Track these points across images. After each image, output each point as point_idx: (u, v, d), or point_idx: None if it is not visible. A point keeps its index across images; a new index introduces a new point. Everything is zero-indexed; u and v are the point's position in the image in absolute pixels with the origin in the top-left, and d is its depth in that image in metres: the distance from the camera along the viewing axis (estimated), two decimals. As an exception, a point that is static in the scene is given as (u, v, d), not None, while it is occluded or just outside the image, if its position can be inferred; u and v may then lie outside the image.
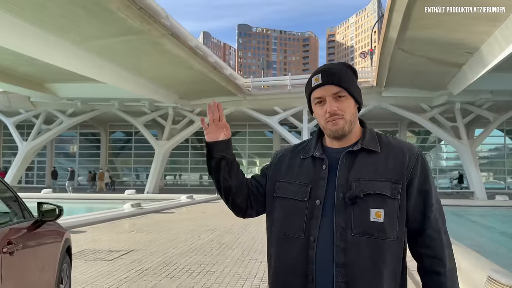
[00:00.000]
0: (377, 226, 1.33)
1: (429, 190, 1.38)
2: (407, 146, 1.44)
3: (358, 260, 1.32)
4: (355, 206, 1.34)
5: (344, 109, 1.38)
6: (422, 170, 1.38)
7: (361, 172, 1.37)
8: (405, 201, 1.36)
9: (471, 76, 17.89)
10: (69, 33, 14.03)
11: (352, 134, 1.43)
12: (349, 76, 1.42)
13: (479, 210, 17.58)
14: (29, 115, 27.79)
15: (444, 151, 33.38)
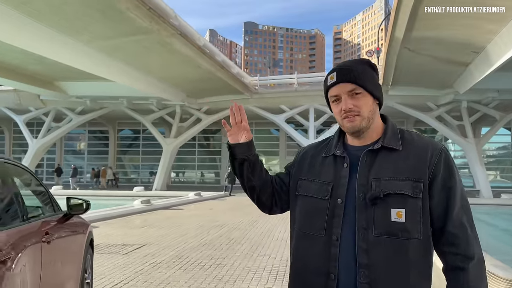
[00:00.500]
0: (399, 226, 1.31)
1: (453, 186, 1.34)
2: (430, 142, 1.40)
3: (381, 261, 1.30)
4: (375, 206, 1.33)
5: (360, 106, 1.37)
6: (445, 167, 1.35)
7: (382, 171, 1.36)
8: (428, 200, 1.34)
9: (477, 75, 17.96)
10: (82, 34, 14.36)
11: (373, 131, 1.41)
12: (366, 73, 1.40)
13: (484, 209, 17.64)
14: (39, 113, 28.23)
15: (451, 149, 33.42)
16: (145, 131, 32.98)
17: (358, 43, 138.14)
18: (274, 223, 10.21)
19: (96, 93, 24.40)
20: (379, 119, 1.44)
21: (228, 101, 26.02)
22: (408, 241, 1.29)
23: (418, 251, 1.30)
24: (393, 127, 1.44)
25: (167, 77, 21.19)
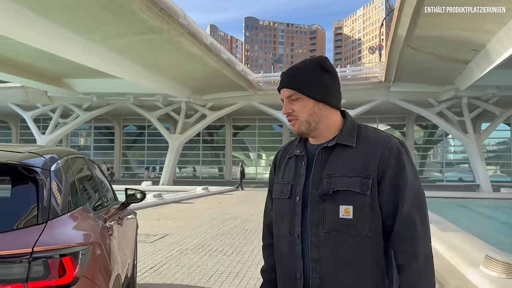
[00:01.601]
0: (347, 223, 1.31)
1: (403, 183, 1.31)
2: (383, 138, 1.37)
3: (330, 257, 1.31)
4: (326, 203, 1.33)
5: (298, 110, 1.38)
6: (396, 163, 1.32)
7: (334, 168, 1.35)
8: (377, 197, 1.32)
9: (477, 72, 18.38)
10: (94, 34, 14.82)
11: (326, 130, 1.40)
12: (307, 76, 1.38)
13: (484, 203, 18.15)
14: (46, 109, 28.73)
15: (451, 145, 33.84)
16: (150, 127, 33.52)
17: (359, 38, 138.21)
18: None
19: (103, 90, 24.86)
20: (336, 116, 1.42)
21: (232, 97, 26.50)
22: (356, 238, 1.29)
23: (367, 248, 1.30)
24: (351, 124, 1.42)
25: (174, 74, 21.65)
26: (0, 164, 1.77)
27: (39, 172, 1.75)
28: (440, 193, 19.55)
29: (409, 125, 31.20)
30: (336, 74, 1.43)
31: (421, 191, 1.34)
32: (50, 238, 1.57)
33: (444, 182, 30.72)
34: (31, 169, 1.76)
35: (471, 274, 5.08)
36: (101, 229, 2.12)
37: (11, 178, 1.75)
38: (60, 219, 1.71)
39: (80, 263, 1.62)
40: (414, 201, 1.31)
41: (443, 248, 6.51)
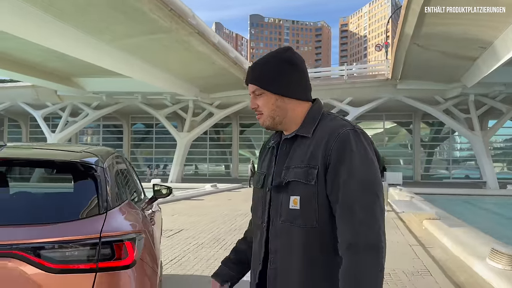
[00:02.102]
0: (295, 213, 1.28)
1: (345, 168, 1.23)
2: (334, 126, 1.32)
3: (284, 247, 1.30)
4: (281, 194, 1.33)
5: (262, 105, 1.37)
6: (341, 151, 1.25)
7: (292, 159, 1.34)
8: (324, 186, 1.26)
9: (485, 69, 18.45)
10: (105, 34, 15.08)
11: (292, 122, 1.38)
12: (269, 71, 1.35)
13: (490, 199, 18.30)
14: (56, 108, 29.15)
15: (457, 142, 33.84)
16: (158, 125, 33.84)
17: (365, 35, 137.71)
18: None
19: (112, 89, 25.18)
20: (302, 108, 1.38)
21: (239, 95, 26.71)
22: (304, 229, 1.27)
23: (315, 240, 1.26)
24: (313, 114, 1.38)
25: (182, 73, 21.91)
26: (64, 162, 2.02)
27: (96, 169, 1.99)
28: (447, 190, 19.72)
29: (415, 122, 31.25)
30: (300, 65, 1.37)
31: (368, 178, 1.24)
32: (112, 226, 1.80)
33: (450, 179, 30.77)
34: (90, 166, 1.99)
35: (477, 267, 5.28)
36: (145, 220, 2.36)
37: (73, 175, 1.99)
38: (115, 210, 1.95)
39: (137, 247, 1.85)
40: (357, 188, 1.23)
41: (451, 243, 6.71)
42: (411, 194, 14.93)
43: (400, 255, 6.19)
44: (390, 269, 5.37)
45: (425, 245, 6.94)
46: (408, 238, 7.62)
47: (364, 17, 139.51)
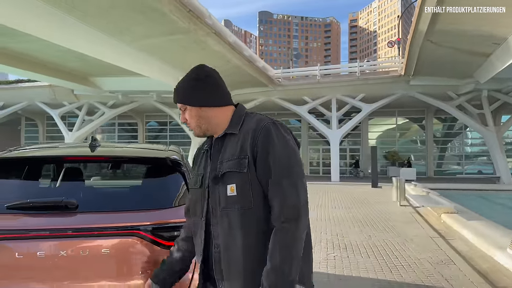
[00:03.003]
0: (233, 199, 1.48)
1: (270, 155, 1.47)
2: (257, 121, 1.56)
3: (224, 230, 1.50)
4: (218, 185, 1.52)
5: (189, 118, 1.62)
6: (265, 140, 1.48)
7: (225, 154, 1.55)
8: (255, 173, 1.48)
9: (498, 65, 18.49)
10: (125, 35, 15.47)
11: (218, 126, 1.60)
12: (186, 88, 1.59)
13: (505, 194, 18.39)
14: (72, 107, 29.75)
15: (470, 137, 33.76)
16: (171, 123, 34.31)
17: (374, 30, 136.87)
18: (312, 206, 11.30)
19: (128, 88, 25.62)
20: (224, 113, 1.61)
21: (252, 93, 27.01)
22: (242, 211, 1.47)
23: (253, 219, 1.47)
24: (238, 114, 1.62)
25: (197, 72, 22.26)
26: (159, 159, 2.36)
27: (182, 165, 2.33)
28: (461, 186, 19.80)
29: (428, 118, 31.26)
30: (211, 78, 1.60)
31: (290, 162, 1.48)
32: None
33: (463, 174, 30.76)
34: (178, 162, 2.33)
35: (499, 256, 5.56)
36: None
37: (164, 170, 2.34)
38: None
39: None
40: (282, 171, 1.46)
41: (471, 235, 6.98)
42: (426, 190, 15.13)
43: (423, 246, 6.48)
44: (415, 259, 5.67)
45: (445, 237, 7.22)
46: (428, 231, 7.89)
47: (373, 13, 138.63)
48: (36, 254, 1.83)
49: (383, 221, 9.02)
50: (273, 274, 1.37)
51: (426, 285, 4.51)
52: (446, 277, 4.80)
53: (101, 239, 1.92)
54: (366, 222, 8.91)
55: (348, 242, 6.78)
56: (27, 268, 1.84)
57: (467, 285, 4.51)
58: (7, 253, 1.83)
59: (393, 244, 6.63)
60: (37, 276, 1.84)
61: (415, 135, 34.26)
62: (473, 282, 4.61)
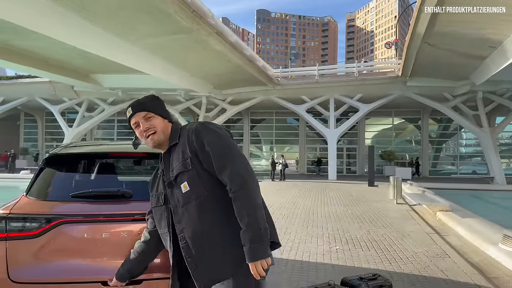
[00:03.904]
0: (188, 194, 1.79)
1: (208, 146, 1.80)
2: (188, 128, 1.91)
3: (189, 223, 1.79)
4: (174, 188, 1.83)
5: (156, 126, 1.92)
6: (198, 138, 1.82)
7: (173, 162, 1.87)
8: (200, 167, 1.80)
9: (493, 68, 18.91)
10: (130, 34, 15.74)
11: (167, 137, 1.93)
12: (155, 103, 1.98)
13: (498, 194, 18.85)
14: (72, 103, 29.93)
15: (465, 138, 34.26)
16: (170, 120, 34.58)
17: (372, 30, 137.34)
18: (312, 203, 11.67)
19: (129, 85, 25.86)
20: (169, 126, 1.97)
21: (252, 92, 27.32)
22: (199, 201, 1.77)
23: (210, 202, 1.78)
24: (175, 128, 1.96)
25: (198, 71, 22.56)
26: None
27: None
28: (456, 185, 20.26)
29: (424, 118, 31.72)
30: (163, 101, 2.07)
31: (224, 143, 1.83)
32: None
33: (458, 174, 31.26)
34: None
35: (491, 251, 5.94)
36: None
37: None
38: None
39: None
40: (220, 151, 1.79)
41: (465, 231, 7.37)
42: (422, 188, 15.55)
43: (419, 241, 6.85)
44: (412, 252, 6.04)
45: (440, 233, 7.60)
46: (424, 227, 8.27)
47: (371, 12, 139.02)
48: (101, 234, 2.16)
49: (381, 218, 9.39)
50: (249, 231, 1.69)
51: (423, 276, 4.87)
52: (442, 268, 5.17)
53: None
54: (365, 219, 9.28)
55: (349, 237, 7.14)
56: (94, 245, 2.17)
57: (461, 276, 4.87)
58: (77, 233, 2.16)
59: (391, 239, 7.00)
60: (103, 252, 2.18)
61: (411, 135, 34.73)
62: (466, 273, 4.98)
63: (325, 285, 2.68)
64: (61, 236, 2.14)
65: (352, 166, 33.17)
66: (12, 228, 2.12)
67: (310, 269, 4.93)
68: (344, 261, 5.52)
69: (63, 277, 2.08)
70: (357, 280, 2.86)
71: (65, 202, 2.28)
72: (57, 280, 2.08)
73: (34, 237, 2.11)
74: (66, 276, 2.08)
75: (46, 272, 2.08)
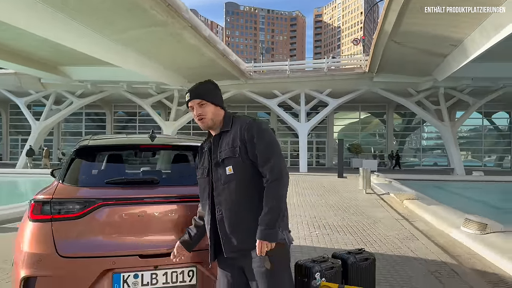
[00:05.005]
0: (230, 177, 2.10)
1: (258, 141, 2.08)
2: (242, 121, 2.18)
3: (227, 199, 2.10)
4: (220, 167, 2.13)
5: (205, 114, 2.19)
6: (250, 132, 2.10)
7: (222, 146, 2.15)
8: (246, 156, 2.09)
9: (454, 65, 19.99)
10: (105, 28, 15.63)
11: (218, 122, 2.21)
12: (209, 90, 2.23)
13: (458, 184, 20.05)
14: (39, 96, 29.07)
15: (427, 131, 35.82)
16: (140, 113, 34.25)
17: (338, 26, 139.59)
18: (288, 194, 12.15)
19: (98, 78, 25.49)
20: (222, 113, 2.25)
21: (224, 86, 27.50)
22: (240, 183, 2.08)
23: (247, 186, 2.08)
24: (228, 116, 2.25)
25: (171, 64, 22.54)
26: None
27: None
28: (419, 176, 21.37)
29: (389, 113, 32.94)
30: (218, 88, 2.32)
31: (269, 140, 2.12)
32: None
33: (421, 166, 32.77)
34: None
35: (454, 233, 6.58)
36: None
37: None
38: None
39: None
40: (265, 147, 2.08)
41: (430, 217, 8.04)
42: (389, 179, 16.38)
43: (390, 226, 7.44)
44: (384, 236, 6.60)
45: (408, 219, 8.24)
46: (393, 214, 8.91)
47: (337, 8, 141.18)
48: (137, 215, 2.48)
49: (353, 206, 9.99)
50: (269, 213, 2.01)
51: (396, 255, 5.41)
52: (412, 249, 5.74)
53: (179, 204, 2.62)
54: (339, 207, 9.85)
55: (326, 223, 7.64)
56: (130, 224, 2.50)
57: (430, 255, 5.45)
58: (115, 214, 2.46)
59: (364, 225, 7.55)
60: (138, 230, 2.51)
61: (376, 128, 36.00)
62: (434, 252, 5.56)
63: (320, 258, 3.08)
64: (101, 217, 2.44)
65: (321, 158, 34.04)
66: (57, 210, 2.41)
67: (295, 251, 5.36)
68: (324, 244, 6.00)
69: (104, 251, 2.39)
70: (346, 254, 3.28)
71: (100, 187, 2.58)
72: (99, 254, 2.38)
73: (77, 218, 2.40)
74: (107, 251, 2.39)
75: (89, 247, 2.38)
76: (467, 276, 4.53)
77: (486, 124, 34.05)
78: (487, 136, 34.15)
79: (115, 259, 2.37)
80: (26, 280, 2.31)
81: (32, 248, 2.36)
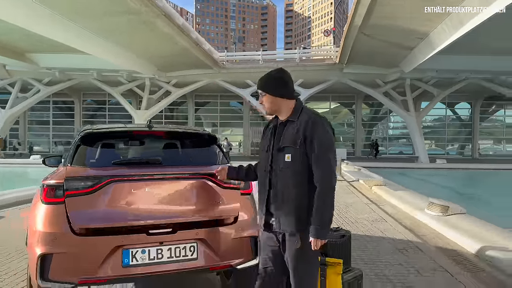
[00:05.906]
0: (288, 164, 2.24)
1: (315, 138, 2.19)
2: (309, 115, 2.28)
3: (280, 180, 2.27)
4: (279, 153, 2.28)
5: (265, 101, 2.36)
6: (313, 128, 2.21)
7: (285, 134, 2.29)
8: (304, 149, 2.21)
9: (420, 57, 20.79)
10: (79, 16, 15.40)
11: (286, 112, 2.34)
12: (271, 82, 2.33)
13: (423, 172, 21.05)
14: (4, 83, 28.15)
15: (393, 121, 36.99)
16: (110, 102, 33.69)
17: (309, 16, 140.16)
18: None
19: (67, 65, 24.94)
20: (289, 103, 2.35)
21: (196, 75, 27.48)
22: (294, 171, 2.23)
23: (300, 174, 2.22)
24: (297, 107, 2.35)
25: (144, 52, 22.36)
26: (205, 134, 3.34)
27: (216, 138, 3.33)
28: (385, 164, 22.25)
29: (357, 103, 33.82)
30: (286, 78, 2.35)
31: (327, 143, 2.23)
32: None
33: (387, 154, 33.94)
34: (214, 136, 3.33)
35: (419, 215, 7.13)
36: None
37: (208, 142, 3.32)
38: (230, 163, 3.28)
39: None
40: (322, 149, 2.20)
41: (397, 202, 8.59)
42: (358, 167, 17.05)
43: (360, 210, 7.93)
44: (355, 218, 7.07)
45: (377, 204, 8.77)
46: (362, 199, 9.43)
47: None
48: (144, 189, 2.77)
49: (325, 193, 10.43)
50: (322, 214, 2.18)
51: (367, 235, 5.86)
52: (381, 230, 6.22)
53: (180, 181, 2.93)
54: (312, 194, 10.26)
55: (301, 209, 8.04)
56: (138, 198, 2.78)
57: (397, 235, 5.94)
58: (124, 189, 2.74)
59: (336, 209, 8.01)
60: (146, 203, 2.80)
61: (346, 118, 36.90)
62: (401, 233, 6.06)
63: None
64: (111, 192, 2.70)
65: (293, 147, 34.58)
66: (71, 187, 2.66)
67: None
68: (301, 227, 6.38)
69: (115, 222, 2.67)
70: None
71: (109, 167, 2.84)
72: (111, 225, 2.66)
73: (90, 194, 2.66)
74: (117, 222, 2.67)
75: (100, 219, 2.65)
76: (431, 252, 5.02)
77: (449, 114, 35.46)
78: (450, 125, 35.62)
79: (124, 236, 2.63)
80: (43, 257, 2.54)
81: (47, 228, 2.60)
